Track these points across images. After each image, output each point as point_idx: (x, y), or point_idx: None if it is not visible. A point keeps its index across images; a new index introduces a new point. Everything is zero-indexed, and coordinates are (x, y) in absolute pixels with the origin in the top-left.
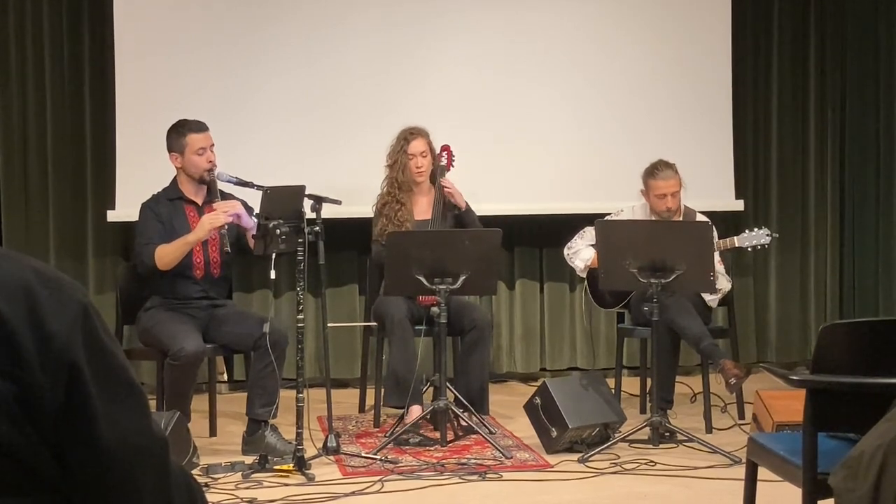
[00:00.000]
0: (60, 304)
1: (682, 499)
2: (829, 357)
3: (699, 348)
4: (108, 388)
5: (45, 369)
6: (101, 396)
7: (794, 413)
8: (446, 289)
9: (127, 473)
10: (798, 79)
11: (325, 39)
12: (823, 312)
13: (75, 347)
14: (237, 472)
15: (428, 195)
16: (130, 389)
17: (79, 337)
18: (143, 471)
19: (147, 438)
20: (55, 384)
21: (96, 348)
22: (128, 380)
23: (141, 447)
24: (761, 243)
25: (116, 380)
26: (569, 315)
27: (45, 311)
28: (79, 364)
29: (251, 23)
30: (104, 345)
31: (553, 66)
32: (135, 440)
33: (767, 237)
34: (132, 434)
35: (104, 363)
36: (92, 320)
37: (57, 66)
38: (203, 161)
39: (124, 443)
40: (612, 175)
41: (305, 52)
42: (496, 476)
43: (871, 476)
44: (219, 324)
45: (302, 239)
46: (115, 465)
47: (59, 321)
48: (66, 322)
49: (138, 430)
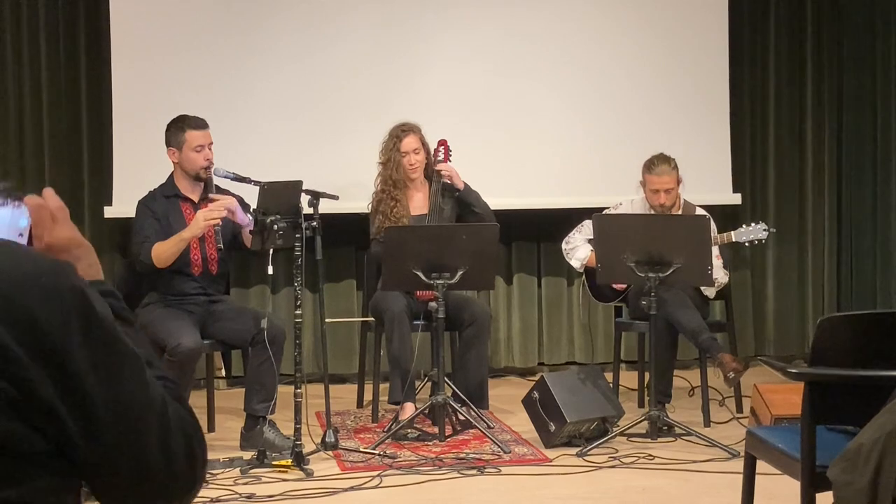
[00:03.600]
0: (48, 296)
1: (680, 492)
2: (827, 350)
3: (697, 342)
4: (104, 365)
5: (36, 363)
6: (97, 374)
7: (792, 406)
8: (444, 284)
9: (131, 438)
10: (795, 73)
11: (322, 35)
12: (821, 305)
13: (68, 336)
14: (235, 467)
15: (423, 190)
16: (125, 358)
17: (72, 323)
18: (145, 432)
19: (145, 402)
20: (48, 375)
21: (91, 328)
22: (123, 350)
23: (140, 413)
24: (758, 238)
25: (112, 353)
26: (567, 309)
27: (33, 307)
28: (71, 351)
29: (248, 19)
30: (98, 323)
31: (550, 61)
32: (134, 407)
33: (765, 232)
34: (131, 403)
35: (99, 341)
36: (83, 302)
37: (53, 61)
38: (200, 158)
39: (125, 412)
40: (609, 169)
41: (302, 47)
42: (495, 470)
43: (869, 468)
44: (216, 320)
45: (299, 234)
46: (118, 432)
47: (49, 312)
48: (56, 312)
49: (137, 396)
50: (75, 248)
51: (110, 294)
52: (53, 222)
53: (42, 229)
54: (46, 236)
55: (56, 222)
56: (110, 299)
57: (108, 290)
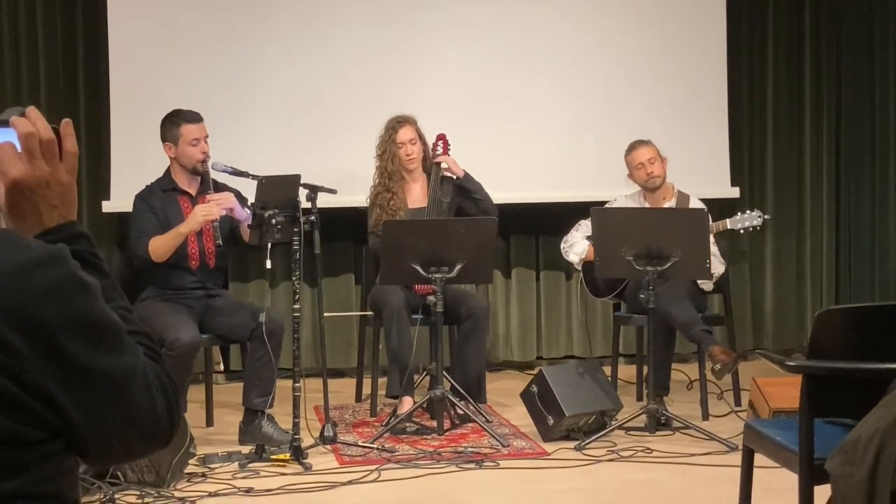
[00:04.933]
0: (44, 286)
1: (678, 486)
2: (826, 343)
3: (689, 335)
4: (97, 345)
5: (34, 352)
6: (91, 356)
7: (790, 399)
8: (442, 277)
9: (122, 406)
10: (793, 65)
11: (321, 29)
12: (819, 298)
13: (64, 325)
14: (234, 461)
15: (421, 183)
16: (114, 333)
17: (69, 312)
18: (134, 398)
19: (131, 371)
20: (45, 364)
21: (86, 314)
22: (111, 326)
23: (128, 382)
24: (753, 224)
25: (103, 331)
26: (565, 303)
27: (28, 297)
28: (68, 339)
29: (246, 14)
30: (92, 308)
31: (548, 55)
32: (123, 378)
33: (759, 218)
34: (121, 375)
35: (92, 325)
36: (78, 290)
37: (51, 56)
38: (196, 152)
39: (116, 384)
40: (608, 163)
41: (300, 41)
42: (493, 464)
43: (867, 461)
44: (215, 314)
45: (297, 228)
46: (110, 404)
47: (45, 303)
48: (53, 302)
49: (124, 368)
50: (39, 189)
51: (81, 237)
52: (29, 157)
53: (6, 165)
54: (13, 171)
55: (23, 157)
56: (82, 244)
57: (77, 233)
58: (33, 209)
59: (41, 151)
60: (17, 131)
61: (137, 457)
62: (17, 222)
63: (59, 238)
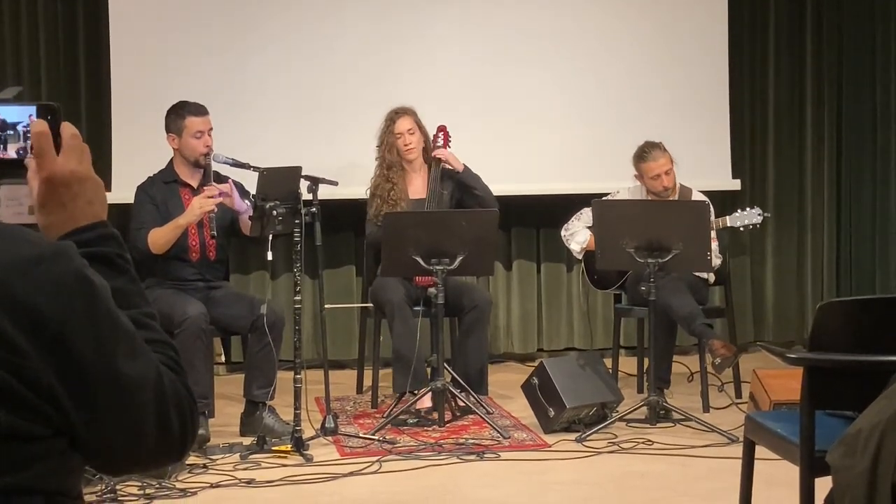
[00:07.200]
0: (49, 282)
1: (679, 478)
2: (827, 335)
3: (690, 329)
4: (103, 347)
5: (37, 349)
6: (97, 357)
7: (791, 392)
8: (443, 269)
9: (129, 415)
10: (795, 58)
11: (322, 21)
12: (820, 291)
13: (69, 322)
14: (235, 453)
15: (422, 174)
16: (123, 337)
17: (74, 309)
18: (142, 409)
19: (142, 380)
20: (49, 362)
21: (91, 312)
22: (120, 329)
23: (137, 391)
24: (753, 222)
25: (111, 334)
26: (566, 295)
27: (33, 293)
28: (73, 337)
29: (247, 6)
30: (98, 306)
31: (549, 47)
32: (132, 386)
33: (759, 216)
34: (129, 382)
35: (99, 325)
36: (84, 286)
37: (52, 47)
38: (200, 145)
39: (123, 392)
40: (609, 155)
41: (302, 33)
42: (494, 456)
43: (868, 453)
44: (215, 305)
45: (298, 220)
46: (117, 412)
47: (50, 299)
48: (58, 298)
49: (133, 375)
50: (76, 184)
51: (112, 238)
52: (59, 153)
53: (43, 159)
54: (48, 167)
55: (63, 153)
56: (111, 244)
57: (108, 234)
58: (70, 202)
59: (65, 148)
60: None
61: (145, 470)
62: (49, 218)
63: (90, 237)
